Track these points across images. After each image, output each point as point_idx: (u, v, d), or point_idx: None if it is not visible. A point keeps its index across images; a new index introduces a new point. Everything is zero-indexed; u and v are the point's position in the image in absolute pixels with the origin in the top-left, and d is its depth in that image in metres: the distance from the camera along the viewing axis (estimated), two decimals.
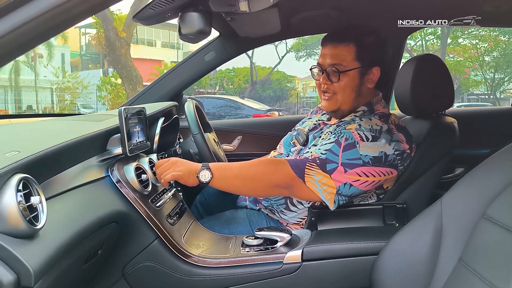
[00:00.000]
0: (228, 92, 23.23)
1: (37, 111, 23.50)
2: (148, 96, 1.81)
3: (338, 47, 1.27)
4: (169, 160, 1.15)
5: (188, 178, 1.12)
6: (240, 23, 1.49)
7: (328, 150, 1.19)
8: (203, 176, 1.12)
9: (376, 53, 1.29)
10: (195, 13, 1.07)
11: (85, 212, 0.83)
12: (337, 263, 1.08)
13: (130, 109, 1.10)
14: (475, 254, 0.84)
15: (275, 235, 1.11)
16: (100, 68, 26.55)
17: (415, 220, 1.00)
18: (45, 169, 0.76)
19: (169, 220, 1.11)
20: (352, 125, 1.23)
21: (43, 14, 0.57)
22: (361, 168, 1.16)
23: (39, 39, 0.60)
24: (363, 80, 1.29)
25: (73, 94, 21.64)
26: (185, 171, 1.12)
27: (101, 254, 0.91)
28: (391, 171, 1.21)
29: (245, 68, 22.84)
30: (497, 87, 21.71)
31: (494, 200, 0.84)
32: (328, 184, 1.16)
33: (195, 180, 1.12)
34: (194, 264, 1.05)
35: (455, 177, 1.89)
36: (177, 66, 1.82)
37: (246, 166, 1.20)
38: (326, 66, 1.28)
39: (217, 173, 1.13)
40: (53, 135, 0.92)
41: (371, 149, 1.17)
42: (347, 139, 1.18)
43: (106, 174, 1.01)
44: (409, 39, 20.12)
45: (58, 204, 0.77)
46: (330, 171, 1.16)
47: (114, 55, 12.29)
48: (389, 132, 1.22)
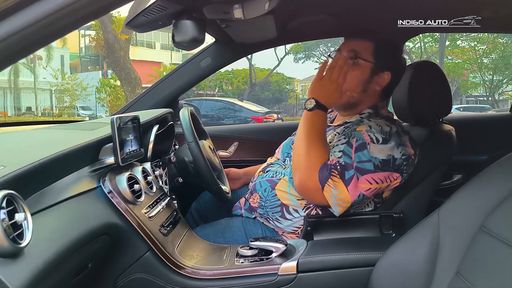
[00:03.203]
0: (227, 94, 23.26)
1: (36, 113, 23.51)
2: (144, 102, 1.79)
3: (359, 40, 1.33)
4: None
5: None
6: (235, 29, 1.47)
7: (342, 151, 1.19)
8: (310, 103, 1.22)
9: (391, 60, 1.34)
10: (188, 21, 1.05)
11: (74, 226, 0.81)
12: (333, 275, 1.06)
13: (123, 118, 1.08)
14: (472, 267, 0.82)
15: (270, 245, 1.10)
16: (99, 70, 26.57)
17: (412, 231, 0.99)
18: (31, 184, 0.74)
19: (162, 231, 1.09)
20: (362, 126, 1.24)
21: (44, 18, 0.55)
22: (371, 174, 1.16)
23: (39, 44, 0.58)
24: (372, 79, 1.30)
25: (73, 96, 21.66)
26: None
27: (91, 267, 0.89)
28: (397, 176, 1.20)
29: (244, 70, 22.88)
30: (495, 89, 21.76)
31: (492, 213, 0.83)
32: (344, 200, 1.17)
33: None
34: (187, 275, 1.03)
35: (453, 184, 1.88)
36: (173, 72, 1.81)
37: (315, 147, 1.21)
38: (344, 52, 1.32)
39: (311, 116, 1.22)
40: (41, 147, 0.90)
41: (381, 152, 1.17)
42: (358, 140, 1.19)
43: (98, 185, 0.99)
44: (408, 41, 20.18)
45: (46, 218, 0.75)
46: (348, 180, 1.16)
47: (113, 57, 12.29)
48: (398, 134, 1.22)
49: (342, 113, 1.39)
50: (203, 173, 1.33)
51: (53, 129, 1.30)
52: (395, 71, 1.33)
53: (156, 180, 1.24)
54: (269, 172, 1.41)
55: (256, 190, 1.38)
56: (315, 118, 1.22)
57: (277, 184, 1.34)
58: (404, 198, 1.28)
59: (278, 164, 1.44)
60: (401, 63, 1.38)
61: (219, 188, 1.37)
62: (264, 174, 1.42)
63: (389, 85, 1.33)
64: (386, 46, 1.33)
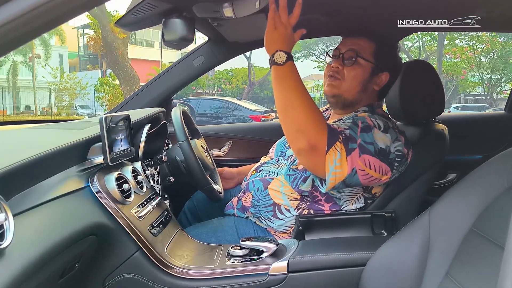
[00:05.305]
0: (226, 93, 23.24)
1: (35, 112, 23.49)
2: (137, 101, 1.78)
3: (361, 39, 1.31)
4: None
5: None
6: (227, 28, 1.46)
7: (349, 127, 1.17)
8: (279, 56, 1.12)
9: (390, 60, 1.33)
10: (178, 19, 1.04)
11: (60, 226, 0.80)
12: (323, 275, 1.06)
13: (114, 117, 1.07)
14: (463, 268, 0.82)
15: (261, 245, 1.09)
16: (98, 69, 26.53)
17: (402, 231, 0.98)
18: (14, 184, 0.73)
19: (152, 231, 1.08)
20: (364, 113, 1.23)
21: (33, 10, 0.54)
22: (370, 157, 1.14)
23: (30, 35, 0.57)
24: (372, 78, 1.30)
25: (71, 95, 21.65)
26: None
27: (78, 268, 0.89)
28: (387, 171, 1.18)
29: (243, 69, 22.87)
30: (494, 88, 21.79)
31: (482, 213, 0.82)
32: (340, 169, 1.12)
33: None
34: (176, 275, 1.02)
35: (447, 183, 1.87)
36: (166, 71, 1.80)
37: (305, 97, 1.14)
38: (344, 50, 1.30)
39: (287, 69, 1.12)
40: (27, 146, 0.89)
41: (381, 139, 1.16)
42: (363, 122, 1.18)
43: (86, 184, 0.99)
44: (406, 40, 20.23)
45: (30, 218, 0.74)
46: (349, 150, 1.12)
47: (111, 56, 12.28)
48: (394, 130, 1.21)
49: (338, 112, 1.38)
50: (195, 172, 1.32)
51: (41, 128, 1.29)
52: (393, 71, 1.33)
53: (147, 179, 1.24)
54: (262, 171, 1.41)
55: (249, 189, 1.38)
56: (292, 70, 1.13)
57: (270, 184, 1.33)
58: (397, 197, 1.28)
59: (272, 163, 1.43)
60: (398, 64, 1.37)
61: (210, 188, 1.36)
62: (257, 173, 1.41)
63: (387, 85, 1.33)
64: (386, 47, 1.32)
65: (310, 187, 1.26)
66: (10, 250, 0.63)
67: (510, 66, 20.62)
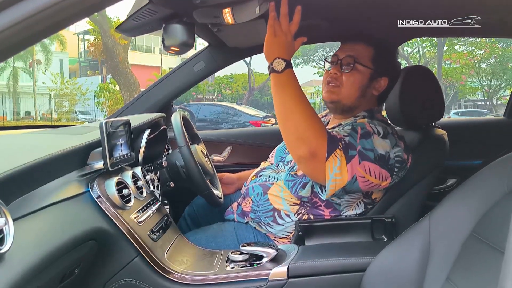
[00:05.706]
0: (226, 98, 23.27)
1: (35, 118, 23.52)
2: (137, 106, 1.79)
3: (359, 44, 1.31)
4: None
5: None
6: (227, 34, 1.47)
7: (348, 134, 1.17)
8: (278, 64, 1.12)
9: (389, 65, 1.33)
10: (178, 25, 1.05)
11: (60, 231, 0.80)
12: (323, 280, 1.06)
13: (114, 122, 1.08)
14: (463, 272, 0.81)
15: (261, 250, 1.09)
16: (98, 75, 26.59)
17: (402, 236, 0.98)
18: (14, 189, 0.73)
19: (151, 236, 1.08)
20: (363, 119, 1.23)
21: (35, 15, 0.54)
22: (370, 164, 1.14)
23: (31, 40, 0.57)
24: (371, 84, 1.30)
25: (72, 101, 21.70)
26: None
27: (78, 273, 0.88)
28: (387, 176, 1.18)
29: (243, 74, 22.93)
30: (493, 94, 21.83)
31: (482, 218, 0.82)
32: (340, 176, 1.13)
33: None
34: (176, 281, 1.02)
35: (447, 188, 1.87)
36: (166, 77, 1.80)
37: (305, 104, 1.14)
38: (342, 56, 1.30)
39: (286, 77, 1.13)
40: (27, 151, 0.89)
41: (380, 146, 1.16)
42: (362, 128, 1.18)
43: (86, 190, 0.99)
44: (406, 46, 20.31)
45: (30, 223, 0.74)
46: (349, 157, 1.12)
47: (112, 61, 12.32)
48: (393, 136, 1.21)
49: (337, 117, 1.39)
50: (195, 177, 1.32)
51: (41, 133, 1.29)
52: (392, 76, 1.33)
53: (147, 184, 1.24)
54: (262, 176, 1.41)
55: (249, 194, 1.38)
56: (291, 77, 1.14)
57: (269, 189, 1.33)
58: (396, 202, 1.28)
59: (271, 168, 1.43)
60: (397, 68, 1.38)
61: (210, 193, 1.36)
62: (257, 178, 1.41)
63: (386, 90, 1.33)
64: (384, 51, 1.32)
65: (310, 193, 1.26)
66: (10, 255, 0.63)
67: (509, 71, 20.68)
